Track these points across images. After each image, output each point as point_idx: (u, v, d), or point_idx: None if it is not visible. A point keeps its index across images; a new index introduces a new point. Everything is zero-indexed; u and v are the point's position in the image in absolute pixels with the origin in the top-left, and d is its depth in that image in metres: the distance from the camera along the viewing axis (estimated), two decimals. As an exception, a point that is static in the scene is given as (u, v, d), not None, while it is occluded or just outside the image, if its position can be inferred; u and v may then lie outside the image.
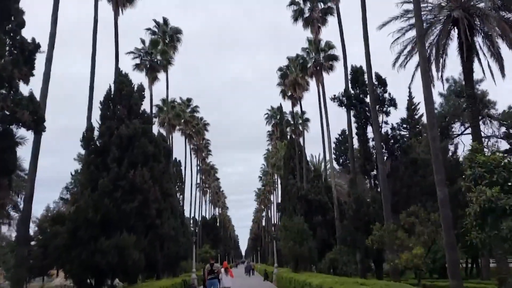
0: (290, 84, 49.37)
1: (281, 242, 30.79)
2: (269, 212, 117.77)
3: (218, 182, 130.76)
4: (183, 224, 54.35)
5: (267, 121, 76.96)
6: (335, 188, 32.60)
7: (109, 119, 22.66)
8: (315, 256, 30.22)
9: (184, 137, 70.74)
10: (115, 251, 19.95)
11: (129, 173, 21.32)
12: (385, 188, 20.21)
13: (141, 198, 21.51)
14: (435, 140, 15.45)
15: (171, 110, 54.00)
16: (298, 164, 51.91)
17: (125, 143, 21.93)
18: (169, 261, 36.72)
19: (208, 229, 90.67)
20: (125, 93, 23.01)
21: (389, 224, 17.90)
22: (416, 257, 15.64)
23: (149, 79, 40.93)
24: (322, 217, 32.94)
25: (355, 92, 26.02)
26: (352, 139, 26.53)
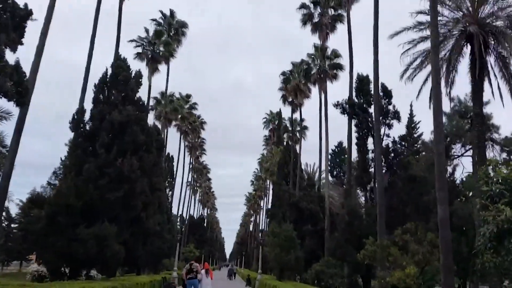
0: (292, 89, 48.62)
1: (267, 248, 29.88)
2: (257, 217, 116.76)
3: (210, 183, 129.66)
4: (169, 220, 53.30)
5: (264, 125, 76.15)
6: (328, 198, 31.79)
7: (102, 104, 21.76)
8: (301, 266, 29.31)
9: (179, 133, 69.80)
10: (94, 241, 19.00)
11: (117, 161, 20.40)
12: (382, 202, 19.42)
13: (127, 188, 20.57)
14: (441, 156, 14.68)
15: (169, 104, 53.08)
16: (292, 171, 51.08)
17: (116, 129, 21.02)
18: (151, 257, 35.69)
19: (195, 229, 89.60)
20: (121, 78, 22.12)
21: (383, 239, 17.10)
22: (409, 277, 14.81)
23: (149, 69, 40.04)
24: (312, 226, 32.07)
25: (359, 101, 25.29)
26: (351, 149, 25.78)
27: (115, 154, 20.53)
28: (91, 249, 18.84)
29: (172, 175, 57.00)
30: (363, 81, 25.71)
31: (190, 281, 20.74)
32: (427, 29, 20.51)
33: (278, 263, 28.68)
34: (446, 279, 13.59)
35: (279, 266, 28.72)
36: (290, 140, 60.76)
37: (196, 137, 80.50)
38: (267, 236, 31.59)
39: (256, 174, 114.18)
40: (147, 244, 33.34)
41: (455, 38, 20.47)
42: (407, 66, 21.80)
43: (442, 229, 14.04)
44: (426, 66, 22.30)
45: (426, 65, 22.08)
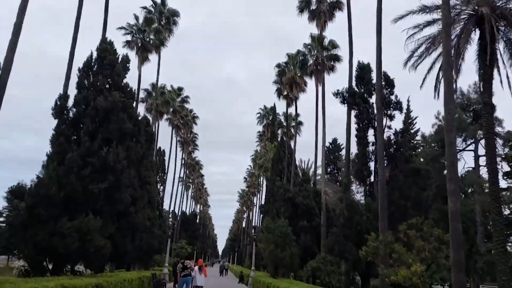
0: (287, 82, 47.34)
1: (261, 245, 28.69)
2: (250, 214, 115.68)
3: (202, 179, 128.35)
4: (160, 216, 51.90)
5: (258, 120, 74.90)
6: (324, 193, 30.65)
7: (87, 89, 20.36)
8: (296, 263, 28.17)
9: (171, 127, 68.30)
10: (77, 234, 17.66)
11: (102, 150, 19.03)
12: (383, 196, 18.28)
13: (113, 179, 19.22)
14: (452, 145, 13.53)
15: (160, 96, 51.55)
16: (287, 167, 49.95)
17: (101, 116, 19.65)
18: (141, 253, 34.41)
19: (187, 225, 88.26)
20: (107, 62, 20.73)
21: (387, 235, 15.95)
22: (415, 275, 13.68)
23: (139, 58, 38.54)
24: (308, 222, 30.93)
25: (359, 91, 24.06)
26: (349, 141, 24.63)
27: (100, 142, 19.17)
28: (73, 243, 17.51)
29: (163, 170, 55.58)
30: (364, 69, 24.50)
31: (184, 279, 19.75)
32: (434, 13, 19.37)
33: (272, 260, 27.50)
34: (457, 276, 12.48)
35: (274, 263, 27.55)
36: (285, 135, 59.59)
37: (188, 131, 79.01)
38: (261, 232, 30.41)
39: (249, 170, 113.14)
40: (135, 240, 31.96)
41: (464, 23, 19.33)
42: (411, 53, 20.64)
43: (452, 222, 12.91)
44: (431, 53, 21.17)
45: (431, 51, 20.95)
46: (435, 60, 21.32)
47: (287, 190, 32.92)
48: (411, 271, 13.78)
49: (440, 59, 21.26)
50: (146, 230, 35.82)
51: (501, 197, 20.41)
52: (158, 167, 53.99)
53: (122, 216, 28.45)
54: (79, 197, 18.60)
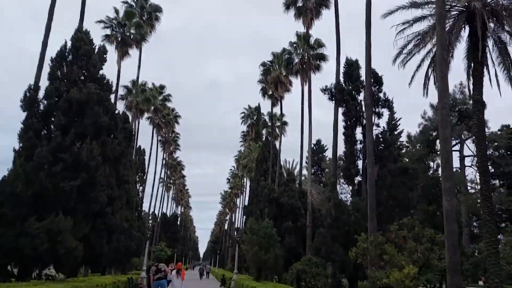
0: (272, 81, 46.52)
1: (245, 246, 27.70)
2: (233, 215, 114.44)
3: (184, 180, 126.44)
4: (139, 217, 50.37)
5: (242, 120, 73.85)
6: (310, 193, 29.84)
7: (59, 80, 19.06)
8: (280, 265, 27.25)
9: (152, 126, 66.70)
10: (46, 235, 16.35)
11: (75, 145, 17.77)
12: (372, 196, 17.54)
13: (86, 176, 17.95)
14: (446, 141, 12.83)
15: (141, 93, 50.05)
16: (271, 167, 49.09)
17: (74, 109, 18.38)
18: (118, 256, 33.01)
19: (167, 227, 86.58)
20: (82, 52, 19.48)
21: (377, 236, 15.18)
22: (408, 277, 12.91)
23: (118, 53, 37.10)
24: (293, 223, 30.06)
25: (347, 88, 23.29)
26: (336, 139, 23.87)
27: (73, 137, 17.89)
28: (42, 244, 16.20)
29: (143, 170, 53.97)
30: (352, 66, 23.77)
31: (158, 282, 18.69)
32: (424, 8, 18.80)
33: (256, 262, 26.53)
34: (453, 279, 11.74)
35: (257, 265, 26.58)
36: (269, 135, 58.77)
37: (170, 131, 77.48)
38: (245, 233, 29.40)
39: (232, 171, 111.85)
40: (112, 242, 30.58)
41: (454, 18, 18.79)
42: (400, 49, 20.01)
43: (448, 222, 12.18)
44: (420, 50, 20.61)
45: (421, 48, 20.39)
46: (424, 57, 20.80)
47: (272, 190, 32.03)
48: (403, 274, 13.00)
49: (429, 56, 20.75)
50: (123, 232, 34.50)
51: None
52: (138, 167, 52.39)
53: (98, 217, 27.08)
54: (49, 195, 17.29)
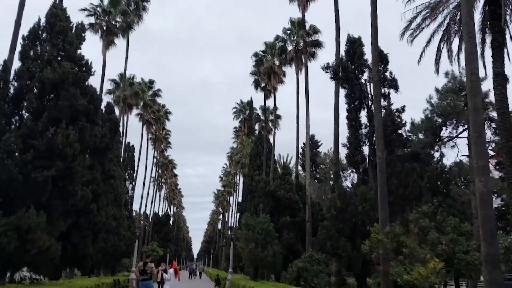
0: (265, 72, 44.60)
1: (240, 243, 25.77)
2: (227, 214, 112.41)
3: (176, 179, 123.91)
4: (129, 216, 48.25)
5: (235, 115, 71.81)
6: (309, 185, 27.99)
7: (32, 60, 16.95)
8: (279, 263, 25.36)
9: (141, 123, 64.41)
10: (14, 232, 14.28)
11: (48, 131, 15.68)
12: (383, 183, 15.70)
13: (62, 166, 15.86)
14: (478, 112, 11.03)
15: (129, 87, 47.83)
16: (265, 162, 47.20)
17: (48, 90, 16.30)
18: (107, 256, 30.94)
19: (160, 227, 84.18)
20: (58, 29, 17.38)
21: (394, 226, 13.33)
22: (434, 273, 11.10)
23: (103, 42, 34.93)
24: (291, 218, 28.17)
25: (349, 68, 21.37)
26: (338, 124, 21.89)
27: (46, 122, 15.81)
28: (9, 243, 14.11)
29: (132, 167, 51.77)
30: (355, 43, 21.84)
31: (143, 283, 16.90)
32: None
33: (252, 261, 24.61)
34: (493, 273, 9.93)
35: (254, 263, 24.66)
36: (263, 129, 56.88)
37: (160, 128, 75.13)
38: (239, 229, 27.47)
39: (225, 169, 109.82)
40: (98, 241, 28.53)
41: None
42: (409, 22, 18.23)
43: (483, 207, 10.38)
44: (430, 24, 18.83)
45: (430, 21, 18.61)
46: (435, 30, 19.06)
47: (267, 183, 30.15)
48: (429, 269, 11.16)
49: (441, 29, 19.01)
50: (111, 231, 32.38)
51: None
52: (127, 164, 50.27)
53: (81, 214, 25.01)
54: (19, 188, 15.22)
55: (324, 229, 17.96)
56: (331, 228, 17.48)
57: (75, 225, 24.27)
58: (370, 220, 16.80)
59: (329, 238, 17.30)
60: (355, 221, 17.01)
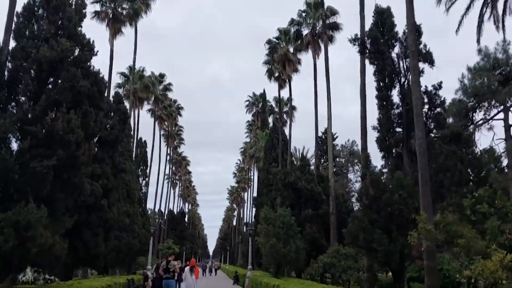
0: (279, 59, 42.68)
1: (260, 238, 24.04)
2: (241, 211, 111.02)
3: (190, 176, 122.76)
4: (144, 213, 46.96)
5: (247, 109, 70.05)
6: (333, 175, 26.10)
7: (28, 39, 15.37)
8: (302, 259, 23.55)
9: (153, 119, 63.05)
10: (11, 229, 12.74)
11: (47, 116, 14.09)
12: (425, 166, 13.79)
13: (64, 155, 14.22)
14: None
15: (139, 80, 46.32)
16: (281, 155, 45.33)
17: (45, 71, 14.68)
18: (121, 255, 29.54)
19: (175, 224, 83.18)
20: (55, 3, 15.75)
21: (446, 214, 11.40)
22: (502, 267, 9.19)
23: (110, 31, 33.45)
24: (313, 210, 26.32)
25: (379, 39, 19.20)
26: (365, 104, 19.63)
27: (44, 106, 14.19)
28: (6, 242, 12.56)
29: (145, 163, 50.34)
30: (384, 14, 19.69)
31: (166, 282, 16.14)
32: None
33: (274, 257, 22.85)
34: None
35: (276, 260, 22.89)
36: (277, 122, 55.01)
37: (172, 124, 73.67)
38: (259, 224, 25.73)
39: (238, 165, 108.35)
40: (110, 239, 27.02)
41: None
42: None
43: None
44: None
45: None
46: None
47: (287, 174, 28.33)
48: (494, 263, 9.24)
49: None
50: (125, 229, 30.90)
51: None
52: (140, 160, 48.85)
53: (92, 210, 23.56)
54: (17, 180, 13.67)
55: (356, 220, 16.10)
56: (364, 219, 15.63)
57: (86, 223, 22.82)
58: (408, 209, 14.88)
59: (362, 230, 15.46)
60: (391, 210, 15.14)
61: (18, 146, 13.90)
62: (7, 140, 13.72)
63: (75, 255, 23.11)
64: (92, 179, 23.99)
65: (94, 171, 24.58)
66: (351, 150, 60.56)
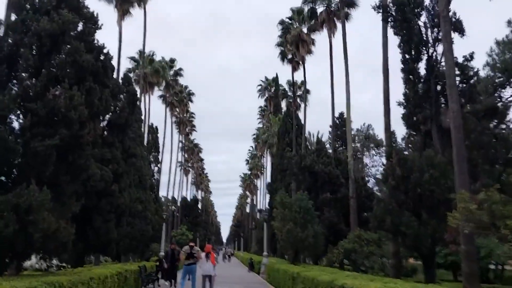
0: (293, 40, 41.23)
1: (276, 223, 23.00)
2: (254, 198, 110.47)
3: (202, 163, 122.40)
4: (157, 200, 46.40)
5: (260, 93, 68.73)
6: (352, 157, 24.81)
7: (27, 11, 14.33)
8: (321, 245, 22.46)
9: (165, 105, 62.19)
10: (12, 213, 11.85)
11: (48, 92, 13.09)
12: (460, 141, 12.48)
13: (67, 134, 13.23)
14: None
15: (149, 64, 45.24)
16: (295, 139, 44.07)
17: (46, 44, 13.60)
18: (134, 242, 28.89)
19: (188, 211, 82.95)
20: (55, -28, 14.63)
21: (492, 191, 10.13)
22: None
23: (119, 12, 32.33)
24: (332, 194, 25.15)
25: (405, 5, 17.60)
26: (387, 80, 18.23)
27: (45, 81, 13.17)
28: (7, 227, 11.68)
29: (157, 149, 49.61)
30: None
31: (188, 268, 15.51)
32: None
33: (291, 242, 21.80)
34: None
35: (293, 245, 21.85)
36: (290, 106, 53.64)
37: (184, 110, 72.83)
38: (275, 208, 24.68)
39: (251, 152, 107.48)
40: (122, 225, 26.28)
41: None
42: None
43: None
44: None
45: None
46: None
47: (303, 157, 27.12)
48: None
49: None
50: (137, 215, 30.25)
51: None
52: (151, 146, 48.11)
53: (102, 196, 22.78)
54: (18, 161, 12.75)
55: (382, 202, 14.90)
56: (391, 201, 14.42)
57: (96, 208, 22.07)
58: (440, 189, 13.63)
59: (389, 213, 14.27)
60: (420, 191, 13.90)
61: (19, 125, 12.97)
62: (7, 119, 12.76)
63: (86, 242, 22.42)
64: (102, 163, 23.16)
65: (104, 155, 23.75)
66: (367, 134, 58.87)
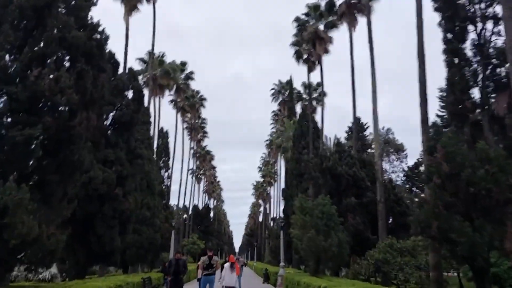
0: (309, 38, 39.07)
1: (295, 230, 20.65)
2: (267, 206, 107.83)
3: (214, 171, 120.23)
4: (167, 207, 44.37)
5: (273, 97, 66.70)
6: (379, 157, 22.40)
7: (12, -16, 12.42)
8: (346, 254, 20.02)
9: (176, 110, 60.40)
10: (-17, 217, 9.83)
11: (31, 72, 11.08)
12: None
13: (53, 123, 11.20)
14: None
15: (159, 66, 43.48)
16: (312, 143, 41.69)
17: (29, 18, 11.65)
18: (142, 251, 26.86)
19: (200, 220, 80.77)
20: None
21: None
22: None
23: (125, 7, 30.63)
24: (357, 198, 22.73)
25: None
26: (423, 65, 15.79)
27: (27, 61, 11.18)
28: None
29: (167, 154, 47.65)
30: None
31: (206, 278, 14.91)
32: None
33: (313, 251, 19.41)
34: None
35: (315, 254, 19.44)
36: (306, 109, 51.29)
37: (196, 116, 70.92)
38: (293, 214, 22.33)
39: (263, 159, 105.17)
40: (127, 233, 24.19)
41: None
42: None
43: None
44: None
45: None
46: None
47: (324, 158, 24.79)
48: None
49: None
50: (145, 222, 28.22)
51: None
52: (161, 151, 46.20)
53: (105, 200, 20.80)
54: (-7, 153, 10.76)
55: (425, 205, 12.54)
56: (436, 204, 12.07)
57: (99, 214, 20.09)
58: (500, 187, 11.21)
59: (435, 218, 11.90)
60: (474, 191, 11.54)
61: (-5, 111, 10.98)
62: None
63: (89, 251, 20.45)
64: (105, 165, 21.23)
65: (106, 156, 21.85)
66: (386, 139, 56.15)
